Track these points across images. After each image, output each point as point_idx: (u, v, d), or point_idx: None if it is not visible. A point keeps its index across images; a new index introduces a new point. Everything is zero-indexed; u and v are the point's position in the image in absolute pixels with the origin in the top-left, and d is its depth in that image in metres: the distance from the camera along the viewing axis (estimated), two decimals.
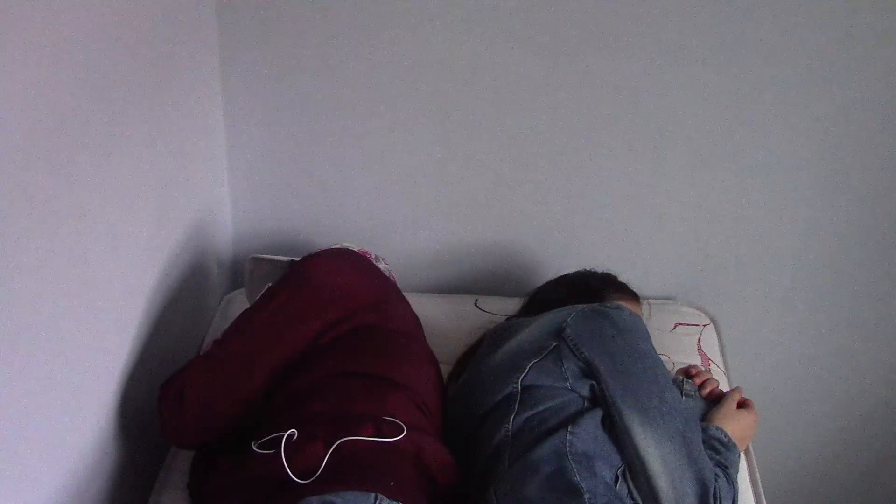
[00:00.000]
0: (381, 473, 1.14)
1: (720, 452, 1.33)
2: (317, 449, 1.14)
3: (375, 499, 1.08)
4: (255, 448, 1.18)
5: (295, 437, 1.16)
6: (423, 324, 1.52)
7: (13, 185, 0.96)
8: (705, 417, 1.40)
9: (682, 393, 1.41)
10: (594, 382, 1.31)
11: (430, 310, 1.64)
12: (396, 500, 1.09)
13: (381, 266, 1.58)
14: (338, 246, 1.62)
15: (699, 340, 1.77)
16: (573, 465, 1.19)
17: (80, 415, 1.23)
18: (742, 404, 1.44)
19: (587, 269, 1.64)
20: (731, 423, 1.38)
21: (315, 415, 1.22)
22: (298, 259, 1.49)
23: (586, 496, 1.15)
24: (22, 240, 0.99)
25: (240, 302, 1.75)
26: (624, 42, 1.64)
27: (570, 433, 1.24)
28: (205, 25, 1.62)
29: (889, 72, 1.66)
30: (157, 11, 1.35)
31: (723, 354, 1.76)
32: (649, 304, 1.69)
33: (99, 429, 1.29)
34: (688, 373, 1.51)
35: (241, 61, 1.69)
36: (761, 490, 1.48)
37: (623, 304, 1.47)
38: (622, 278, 1.62)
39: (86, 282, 1.18)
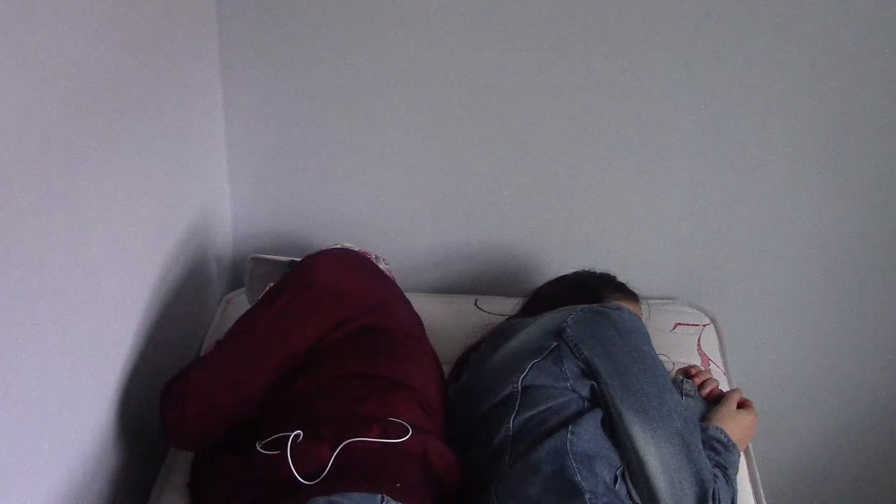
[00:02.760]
0: (388, 475, 1.14)
1: (720, 453, 1.33)
2: (323, 450, 1.14)
3: (382, 500, 1.08)
4: (259, 449, 1.18)
5: (301, 439, 1.16)
6: (423, 324, 1.52)
7: (13, 186, 0.96)
8: (705, 417, 1.40)
9: (681, 393, 1.42)
10: (594, 383, 1.31)
11: (430, 310, 1.64)
12: (402, 502, 1.09)
13: (382, 266, 1.59)
14: (338, 246, 1.62)
15: (699, 340, 1.77)
16: (574, 465, 1.19)
17: (80, 415, 1.23)
18: (742, 404, 1.45)
19: (586, 269, 1.64)
20: (731, 424, 1.38)
21: (320, 415, 1.22)
22: (299, 259, 1.49)
23: (587, 496, 1.15)
24: (22, 240, 0.99)
25: (240, 302, 1.75)
26: (624, 43, 1.64)
27: (571, 433, 1.24)
28: (205, 25, 1.62)
29: (890, 73, 1.66)
30: (156, 11, 1.35)
31: (723, 354, 1.76)
32: (649, 304, 1.69)
33: (99, 429, 1.29)
34: (688, 373, 1.51)
35: (241, 61, 1.69)
36: (761, 490, 1.48)
37: (622, 304, 1.47)
38: (622, 278, 1.62)
39: (86, 282, 1.18)
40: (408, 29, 1.65)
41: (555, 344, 1.35)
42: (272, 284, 1.43)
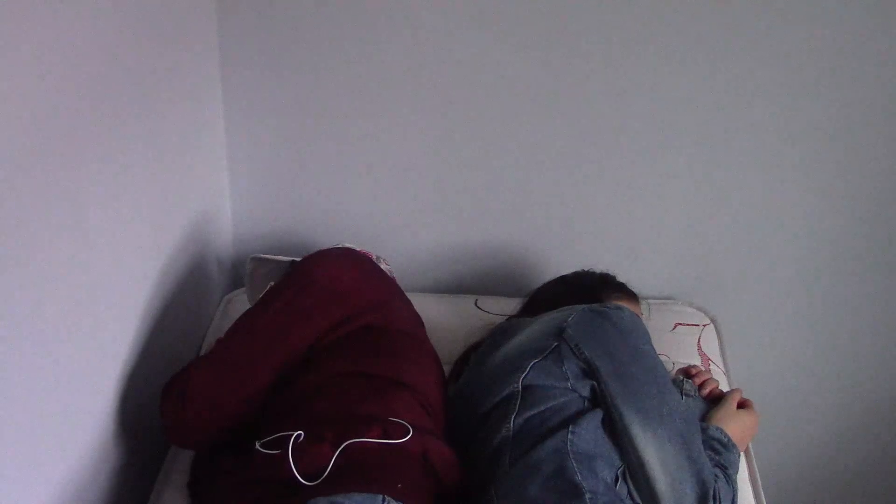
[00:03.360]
0: (389, 475, 1.14)
1: (720, 453, 1.33)
2: (324, 450, 1.14)
3: (383, 500, 1.08)
4: (259, 448, 1.18)
5: (301, 439, 1.16)
6: (424, 323, 1.52)
7: (13, 186, 0.96)
8: (705, 417, 1.40)
9: (682, 393, 1.42)
10: (594, 383, 1.31)
11: (430, 310, 1.64)
12: (403, 502, 1.09)
13: (383, 267, 1.59)
14: (339, 246, 1.62)
15: (699, 340, 1.77)
16: (574, 465, 1.19)
17: (81, 415, 1.23)
18: (742, 404, 1.45)
19: (586, 269, 1.64)
20: (731, 424, 1.38)
21: (320, 415, 1.22)
22: (300, 259, 1.49)
23: (587, 496, 1.15)
24: (22, 240, 0.99)
25: (240, 302, 1.75)
26: (624, 44, 1.64)
27: (572, 433, 1.24)
28: (205, 25, 1.62)
29: (887, 74, 1.66)
30: (156, 11, 1.35)
31: (723, 354, 1.76)
32: (649, 304, 1.69)
33: (100, 429, 1.29)
34: (688, 373, 1.51)
35: (241, 61, 1.69)
36: (761, 490, 1.48)
37: (622, 304, 1.47)
38: (622, 278, 1.62)
39: (86, 282, 1.18)
40: (409, 29, 1.64)
41: (555, 344, 1.35)
42: (272, 284, 1.43)
